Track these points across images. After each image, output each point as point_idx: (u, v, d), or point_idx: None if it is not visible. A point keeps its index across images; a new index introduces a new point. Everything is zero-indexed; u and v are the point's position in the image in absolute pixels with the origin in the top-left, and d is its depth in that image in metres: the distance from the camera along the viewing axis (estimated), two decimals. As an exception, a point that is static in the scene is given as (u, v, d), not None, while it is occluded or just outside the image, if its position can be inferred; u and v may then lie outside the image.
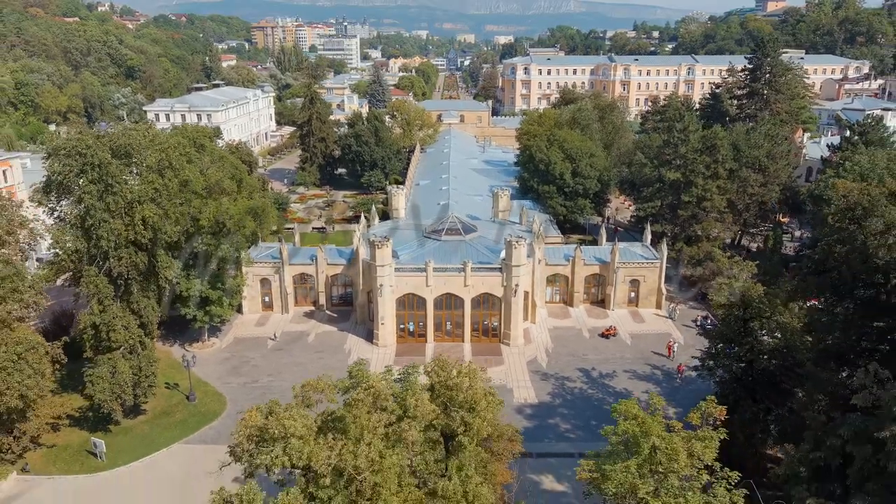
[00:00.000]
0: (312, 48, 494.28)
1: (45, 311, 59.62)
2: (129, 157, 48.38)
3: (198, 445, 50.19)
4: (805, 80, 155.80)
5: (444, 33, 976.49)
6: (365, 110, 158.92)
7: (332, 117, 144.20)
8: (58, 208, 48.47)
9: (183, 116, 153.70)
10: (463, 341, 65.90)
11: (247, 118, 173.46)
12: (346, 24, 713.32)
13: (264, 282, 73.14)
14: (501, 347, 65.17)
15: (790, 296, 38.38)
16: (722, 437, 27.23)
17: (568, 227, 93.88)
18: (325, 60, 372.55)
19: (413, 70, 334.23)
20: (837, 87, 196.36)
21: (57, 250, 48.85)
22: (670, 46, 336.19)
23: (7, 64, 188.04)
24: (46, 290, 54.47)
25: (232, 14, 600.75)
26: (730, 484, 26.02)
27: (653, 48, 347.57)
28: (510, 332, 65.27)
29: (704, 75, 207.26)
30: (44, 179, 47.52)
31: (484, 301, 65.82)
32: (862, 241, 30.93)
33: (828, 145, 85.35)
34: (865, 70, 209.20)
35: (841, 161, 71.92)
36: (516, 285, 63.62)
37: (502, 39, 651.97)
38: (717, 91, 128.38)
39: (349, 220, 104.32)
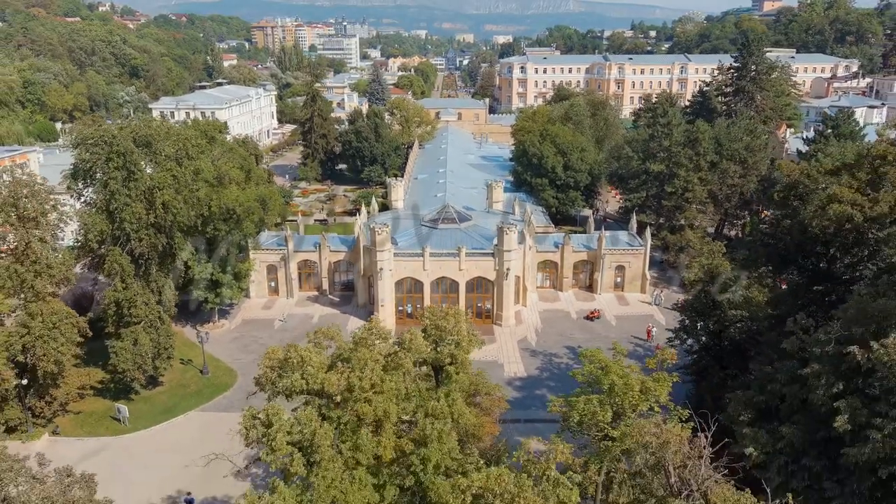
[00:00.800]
0: (312, 48, 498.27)
1: (67, 294, 63.99)
2: (148, 147, 52.71)
3: (213, 413, 54.59)
4: (793, 77, 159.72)
5: (443, 33, 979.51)
6: (365, 108, 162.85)
7: (332, 115, 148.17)
8: (84, 194, 52.91)
9: (187, 114, 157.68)
10: (458, 322, 70.03)
11: (249, 116, 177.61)
12: (345, 23, 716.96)
13: (271, 268, 77.44)
14: (494, 328, 69.24)
15: (742, 265, 42.74)
16: (675, 381, 31.60)
17: (560, 218, 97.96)
18: (324, 60, 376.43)
19: (412, 69, 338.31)
20: (826, 85, 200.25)
21: (78, 237, 53.21)
22: (666, 46, 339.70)
23: (14, 63, 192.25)
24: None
25: (231, 14, 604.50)
26: (681, 419, 30.33)
27: (649, 48, 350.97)
28: (502, 313, 69.47)
29: (697, 74, 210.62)
30: (71, 167, 51.90)
31: (478, 285, 70.00)
32: (802, 216, 35.27)
33: (803, 139, 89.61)
34: (854, 69, 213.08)
35: (814, 153, 76.28)
36: (508, 269, 67.78)
37: (501, 39, 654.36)
38: (706, 89, 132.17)
39: (349, 213, 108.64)
